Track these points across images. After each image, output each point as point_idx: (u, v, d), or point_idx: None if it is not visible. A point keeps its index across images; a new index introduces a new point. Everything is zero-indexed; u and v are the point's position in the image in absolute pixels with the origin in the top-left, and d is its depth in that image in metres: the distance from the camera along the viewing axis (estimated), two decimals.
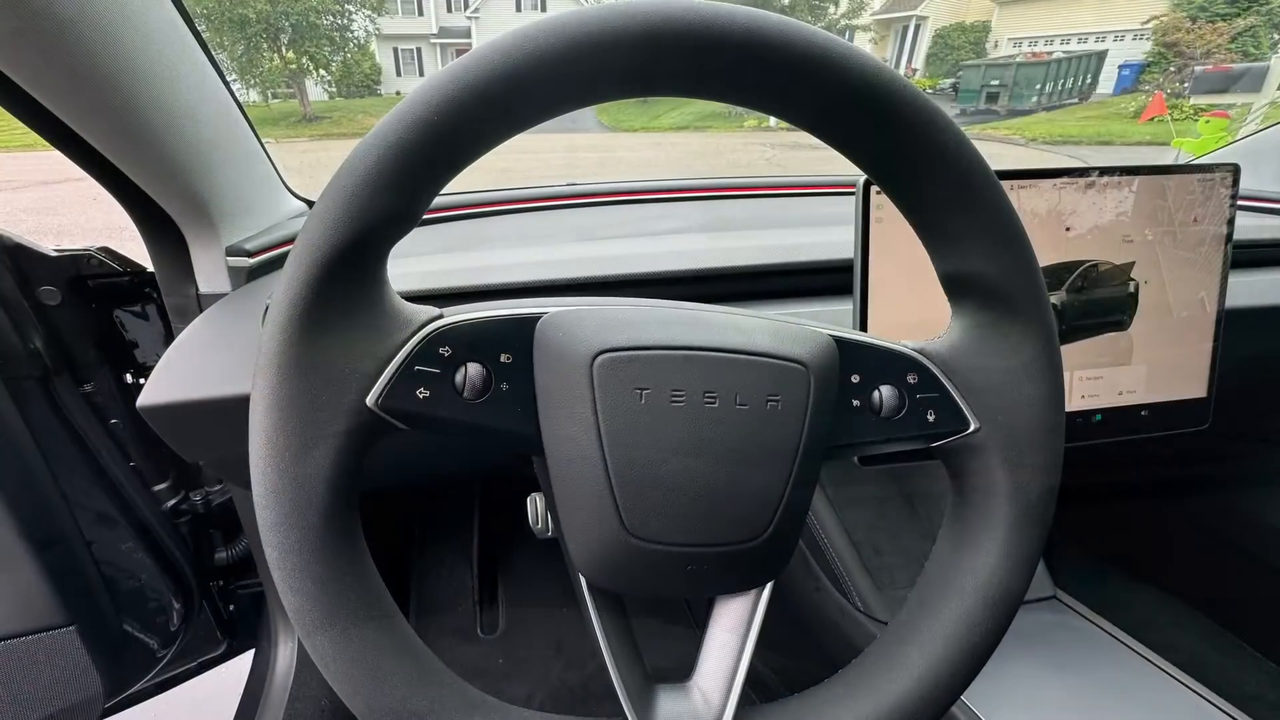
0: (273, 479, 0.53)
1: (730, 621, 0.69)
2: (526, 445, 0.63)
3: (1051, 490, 0.69)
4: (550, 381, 0.60)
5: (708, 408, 0.60)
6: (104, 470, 1.38)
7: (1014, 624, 0.68)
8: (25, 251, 1.20)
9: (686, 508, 0.60)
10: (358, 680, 0.55)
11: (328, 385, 0.54)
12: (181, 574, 1.53)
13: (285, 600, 0.55)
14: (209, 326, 1.11)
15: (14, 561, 1.12)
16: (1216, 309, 1.26)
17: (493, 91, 0.52)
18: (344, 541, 0.56)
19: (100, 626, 1.27)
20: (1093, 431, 1.25)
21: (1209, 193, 1.22)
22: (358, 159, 0.52)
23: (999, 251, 0.64)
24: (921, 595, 0.71)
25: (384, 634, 0.57)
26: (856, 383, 0.67)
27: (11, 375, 1.20)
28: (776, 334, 0.64)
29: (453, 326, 0.58)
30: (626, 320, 0.61)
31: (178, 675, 1.75)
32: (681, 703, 0.67)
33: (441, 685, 0.59)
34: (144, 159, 1.06)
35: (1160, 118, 5.11)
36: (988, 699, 1.24)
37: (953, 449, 0.70)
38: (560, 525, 0.65)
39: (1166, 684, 1.29)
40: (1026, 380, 0.68)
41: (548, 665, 2.28)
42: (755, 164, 21.83)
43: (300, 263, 0.53)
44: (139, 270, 1.30)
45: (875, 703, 0.66)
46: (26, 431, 1.20)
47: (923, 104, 0.58)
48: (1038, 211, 1.16)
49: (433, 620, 2.44)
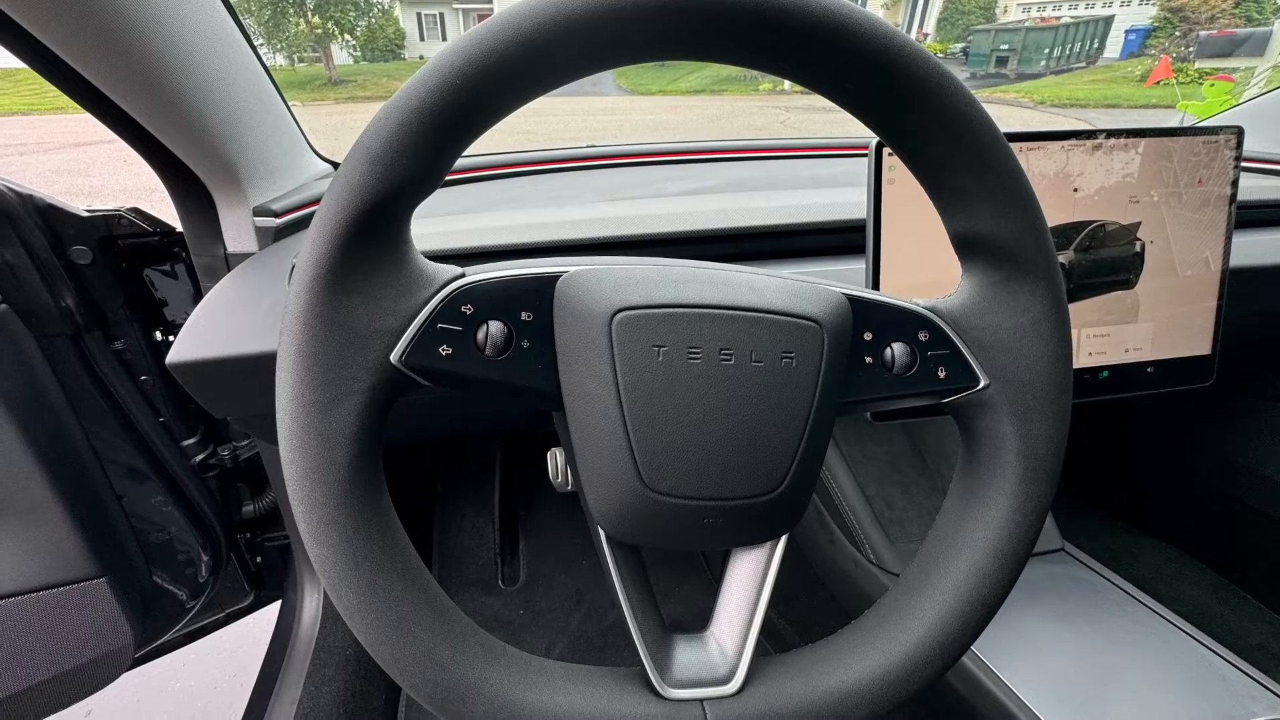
0: (299, 434, 0.54)
1: (746, 574, 0.69)
2: (546, 401, 0.63)
3: (1059, 445, 0.69)
4: (570, 339, 0.60)
5: (724, 365, 0.60)
6: (134, 426, 1.39)
7: (1023, 576, 0.68)
8: (57, 212, 1.21)
9: (703, 462, 0.60)
10: (381, 630, 0.56)
11: (352, 342, 0.54)
12: (210, 527, 1.54)
13: (311, 552, 0.55)
14: (236, 285, 1.12)
15: (47, 515, 1.13)
16: (1220, 268, 1.26)
17: (514, 56, 0.51)
18: (368, 495, 0.56)
19: (131, 578, 1.28)
20: (1100, 388, 1.25)
21: (1213, 155, 1.21)
22: (382, 122, 0.52)
23: (1008, 212, 0.64)
24: (933, 548, 0.72)
25: (407, 585, 0.57)
26: (869, 340, 0.67)
27: (44, 333, 1.21)
28: (791, 292, 0.64)
29: (475, 285, 0.58)
30: (644, 279, 0.61)
31: (206, 625, 1.77)
32: (698, 652, 0.67)
33: (463, 635, 0.59)
34: (173, 122, 1.07)
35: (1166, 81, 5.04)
36: (997, 648, 1.25)
37: (963, 405, 0.70)
38: (580, 479, 0.66)
39: (1172, 634, 1.29)
40: (1035, 337, 0.67)
41: (567, 616, 2.30)
42: (770, 126, 21.80)
43: (325, 223, 0.53)
44: (168, 230, 1.30)
45: (887, 652, 0.66)
46: (58, 388, 1.21)
47: (934, 68, 0.58)
48: (1046, 173, 1.16)
49: (455, 572, 2.46)
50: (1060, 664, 1.23)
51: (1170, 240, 1.23)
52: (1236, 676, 1.21)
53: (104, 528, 1.25)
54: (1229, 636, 1.35)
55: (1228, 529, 1.85)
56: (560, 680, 0.62)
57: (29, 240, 1.18)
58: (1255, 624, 1.64)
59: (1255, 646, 1.55)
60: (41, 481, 1.12)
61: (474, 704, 0.58)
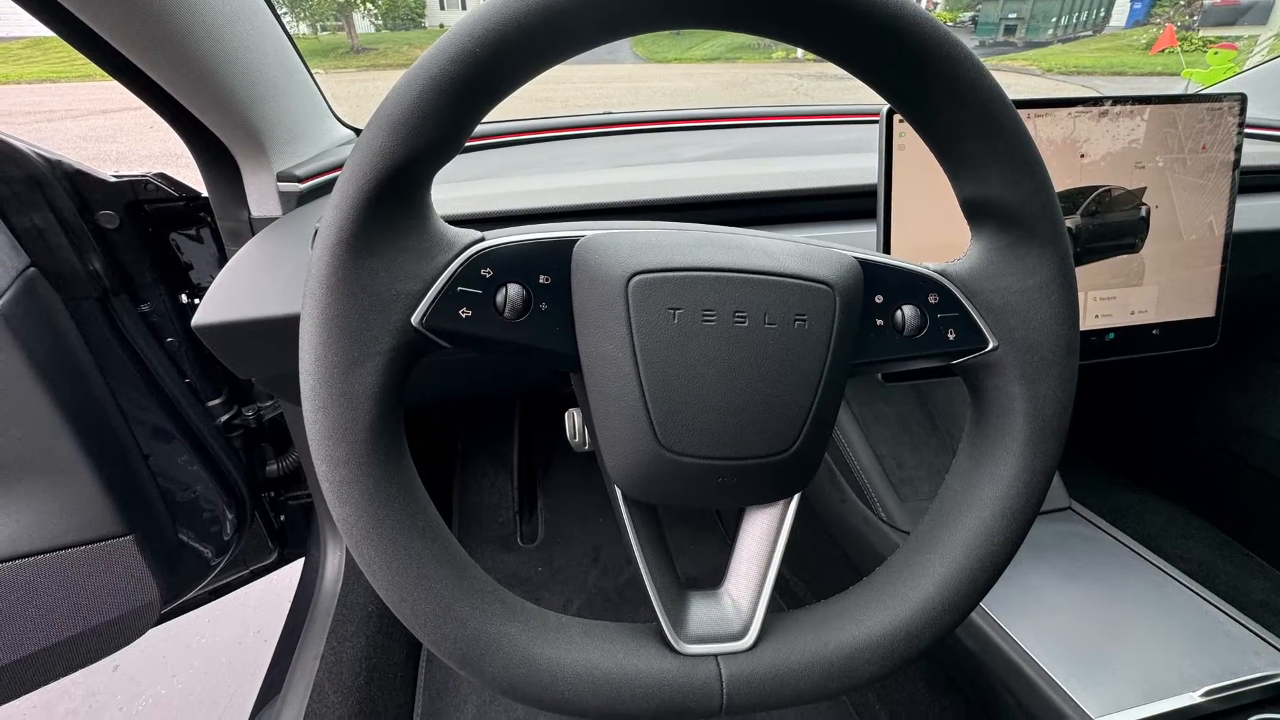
0: (322, 395, 0.54)
1: (759, 532, 0.69)
2: (564, 363, 0.63)
3: (1066, 406, 0.69)
4: (587, 302, 0.60)
5: (738, 327, 0.60)
6: (160, 386, 1.39)
7: (1030, 534, 0.69)
8: (85, 177, 1.21)
9: (718, 422, 0.61)
10: (403, 587, 0.56)
11: (374, 305, 0.54)
12: (234, 486, 1.55)
13: (334, 510, 0.56)
14: (261, 249, 1.12)
15: (75, 474, 1.14)
16: (1224, 232, 1.26)
17: (532, 24, 0.51)
18: (390, 454, 0.57)
19: (157, 536, 1.29)
20: (1106, 349, 1.25)
21: (1217, 121, 1.22)
22: (403, 89, 0.52)
23: (1017, 177, 0.64)
24: (942, 507, 0.72)
25: (428, 543, 0.58)
26: (880, 303, 0.67)
27: (72, 295, 1.22)
28: (804, 256, 0.64)
29: (494, 249, 0.58)
30: (660, 243, 0.61)
31: (230, 582, 1.78)
32: (712, 609, 0.68)
33: (483, 592, 0.60)
34: (199, 89, 1.07)
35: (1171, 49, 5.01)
36: (1005, 605, 1.25)
37: (972, 366, 0.70)
38: (597, 439, 0.66)
39: (1177, 591, 1.29)
40: (1043, 300, 0.67)
41: (585, 573, 2.31)
42: (783, 93, 21.75)
43: (348, 188, 0.53)
44: (194, 195, 1.30)
45: (898, 608, 0.67)
46: (86, 349, 1.21)
47: (943, 36, 0.58)
48: (1054, 139, 1.16)
49: (475, 530, 2.47)
50: (1067, 620, 1.23)
51: (1175, 205, 1.23)
52: (1240, 632, 1.21)
53: (131, 486, 1.26)
54: (1232, 593, 1.35)
55: (1231, 487, 1.85)
56: (578, 636, 0.62)
57: (58, 205, 1.18)
58: (1258, 580, 1.64)
59: (1258, 603, 1.55)
60: (70, 441, 1.12)
61: (493, 659, 0.58)
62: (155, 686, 2.35)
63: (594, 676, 0.60)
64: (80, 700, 2.30)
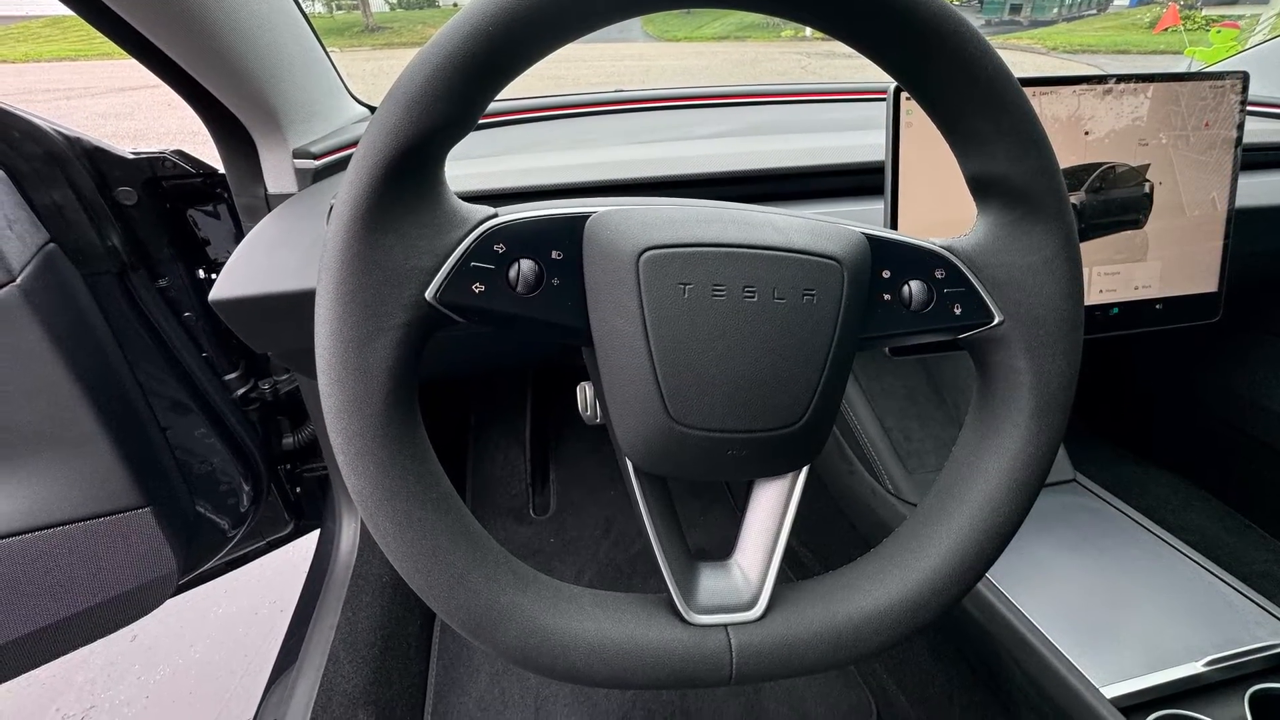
0: (337, 369, 0.54)
1: (768, 503, 0.69)
2: (576, 337, 0.63)
3: (1071, 379, 0.69)
4: (598, 277, 0.60)
5: (747, 301, 0.60)
6: (177, 360, 1.40)
7: (1036, 506, 0.69)
8: (104, 154, 1.21)
9: (727, 395, 0.61)
10: (417, 558, 0.57)
11: (389, 280, 0.54)
12: (251, 458, 1.55)
13: (349, 483, 0.56)
14: (277, 225, 1.12)
15: (93, 446, 1.14)
16: (1227, 208, 1.26)
17: (546, 2, 0.51)
18: (404, 427, 0.57)
19: (174, 508, 1.30)
20: (1110, 324, 1.25)
21: (1219, 99, 1.21)
22: (417, 67, 0.52)
23: (1022, 154, 0.64)
24: (949, 479, 0.72)
25: (441, 514, 0.58)
26: (887, 278, 0.67)
27: (91, 270, 1.22)
28: (812, 232, 0.64)
29: (507, 225, 0.58)
30: (670, 219, 0.61)
31: (247, 554, 1.80)
32: (722, 579, 0.68)
33: (495, 563, 0.60)
34: (216, 67, 1.07)
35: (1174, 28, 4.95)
36: (1012, 576, 1.26)
37: (978, 340, 0.70)
38: (608, 412, 0.66)
39: (1179, 562, 1.30)
40: (1048, 275, 0.67)
41: (596, 544, 2.32)
42: (792, 71, 21.69)
43: (363, 165, 0.53)
44: (211, 172, 1.31)
45: (905, 579, 0.67)
46: (105, 324, 1.22)
47: (949, 14, 0.57)
48: (1058, 116, 1.16)
49: (488, 502, 2.48)
50: (1072, 591, 1.24)
51: (1178, 182, 1.23)
52: (1242, 603, 1.22)
53: (149, 459, 1.27)
54: (1234, 564, 1.35)
55: (1233, 460, 1.85)
56: (589, 606, 0.63)
57: (77, 181, 1.18)
58: (1259, 551, 1.65)
59: (1260, 573, 1.56)
60: (89, 414, 1.13)
61: (506, 629, 0.59)
62: (173, 656, 2.37)
63: (605, 646, 0.60)
64: (99, 670, 2.32)
